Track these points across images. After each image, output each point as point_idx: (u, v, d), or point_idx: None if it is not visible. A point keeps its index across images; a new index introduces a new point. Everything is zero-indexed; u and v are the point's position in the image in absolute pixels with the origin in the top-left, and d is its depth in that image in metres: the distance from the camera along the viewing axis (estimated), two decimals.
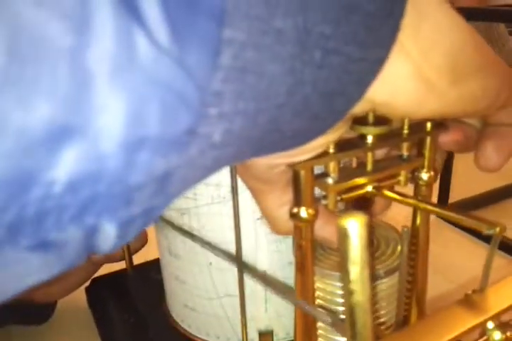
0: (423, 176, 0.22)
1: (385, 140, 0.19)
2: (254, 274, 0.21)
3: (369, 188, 0.21)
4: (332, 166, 0.19)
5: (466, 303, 0.18)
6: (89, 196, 0.11)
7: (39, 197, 0.10)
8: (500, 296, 0.18)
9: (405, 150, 0.21)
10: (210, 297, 0.31)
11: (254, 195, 0.21)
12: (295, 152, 0.17)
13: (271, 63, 0.12)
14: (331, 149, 0.18)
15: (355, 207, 0.24)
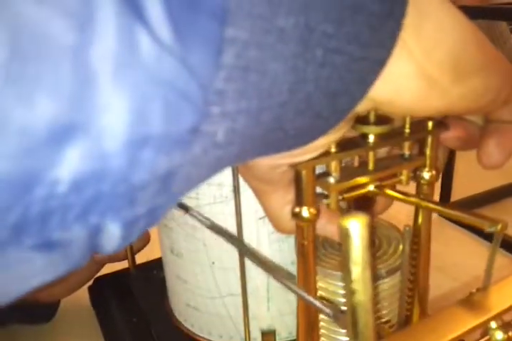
0: (425, 175, 0.22)
1: (387, 139, 0.19)
2: (258, 262, 0.21)
3: (371, 187, 0.21)
4: (334, 165, 0.19)
5: (469, 303, 0.18)
6: (93, 195, 0.11)
7: (43, 197, 0.10)
8: (502, 295, 0.18)
9: (407, 149, 0.21)
10: (213, 296, 0.31)
11: (257, 195, 0.21)
12: (297, 152, 0.17)
13: (273, 62, 0.12)
14: (333, 148, 0.18)
15: (356, 207, 0.24)
